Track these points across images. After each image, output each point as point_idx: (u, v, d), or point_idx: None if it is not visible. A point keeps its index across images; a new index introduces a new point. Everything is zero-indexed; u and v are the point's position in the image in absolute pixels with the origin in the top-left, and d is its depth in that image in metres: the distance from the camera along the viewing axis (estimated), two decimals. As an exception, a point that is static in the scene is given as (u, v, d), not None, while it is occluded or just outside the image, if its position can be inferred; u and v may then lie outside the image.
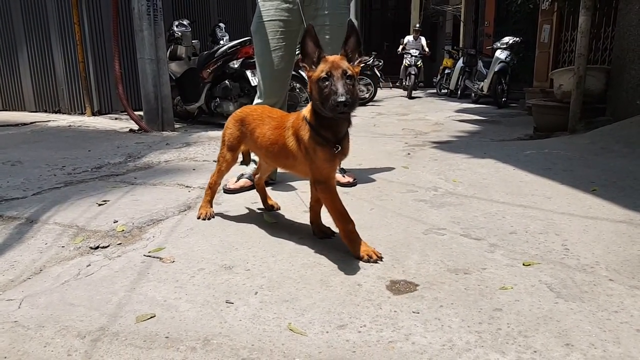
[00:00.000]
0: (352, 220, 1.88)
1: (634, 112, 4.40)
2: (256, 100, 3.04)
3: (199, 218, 2.34)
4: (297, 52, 3.06)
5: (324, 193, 1.87)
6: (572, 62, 5.69)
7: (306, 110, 1.87)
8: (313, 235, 2.10)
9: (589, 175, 2.98)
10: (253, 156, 2.54)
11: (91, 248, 2.00)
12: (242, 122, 2.21)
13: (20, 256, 1.92)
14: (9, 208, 2.55)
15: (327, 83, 1.65)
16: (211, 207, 2.41)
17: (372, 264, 1.78)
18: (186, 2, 8.57)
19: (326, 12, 2.78)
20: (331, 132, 1.80)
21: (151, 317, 1.42)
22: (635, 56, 4.57)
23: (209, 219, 2.34)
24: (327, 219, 2.14)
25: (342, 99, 1.59)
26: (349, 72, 1.67)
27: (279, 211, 2.49)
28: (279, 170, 2.73)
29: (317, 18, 2.78)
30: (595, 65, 5.83)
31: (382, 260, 1.81)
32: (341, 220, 1.87)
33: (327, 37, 2.76)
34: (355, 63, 1.76)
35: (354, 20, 2.98)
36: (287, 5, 2.78)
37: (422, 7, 17.74)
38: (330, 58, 1.72)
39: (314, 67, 1.74)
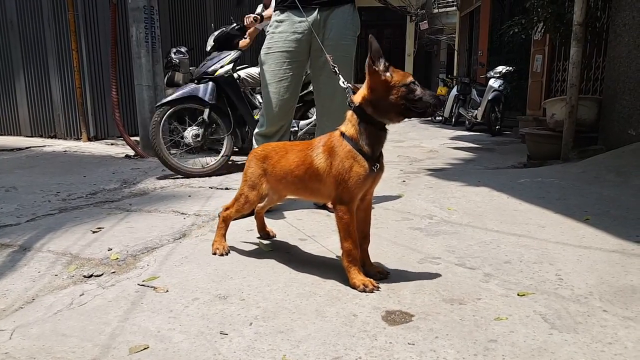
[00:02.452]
0: (358, 248, 1.88)
1: (626, 142, 4.45)
2: (257, 129, 3.07)
3: (214, 254, 2.23)
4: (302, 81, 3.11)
5: (344, 214, 1.84)
6: (565, 91, 5.78)
7: (344, 127, 1.86)
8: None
9: (582, 204, 3.00)
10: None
11: (85, 277, 1.99)
12: (264, 159, 2.15)
13: (12, 285, 1.91)
14: (2, 235, 2.54)
15: (416, 86, 1.76)
16: (225, 241, 2.30)
17: (367, 293, 1.78)
18: (184, 29, 8.68)
19: (331, 43, 2.83)
20: (371, 147, 1.81)
21: (144, 349, 1.41)
22: (625, 87, 4.65)
23: (226, 254, 2.23)
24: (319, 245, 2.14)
25: (432, 100, 1.76)
26: None
27: (274, 239, 2.49)
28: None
29: (324, 48, 2.82)
30: (587, 95, 5.92)
31: (378, 290, 1.81)
32: (350, 244, 1.86)
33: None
34: None
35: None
36: (296, 36, 2.83)
37: (417, 36, 18.03)
38: (398, 70, 1.81)
39: (388, 74, 1.76)
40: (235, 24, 5.09)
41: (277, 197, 2.33)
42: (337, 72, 2.21)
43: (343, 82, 2.10)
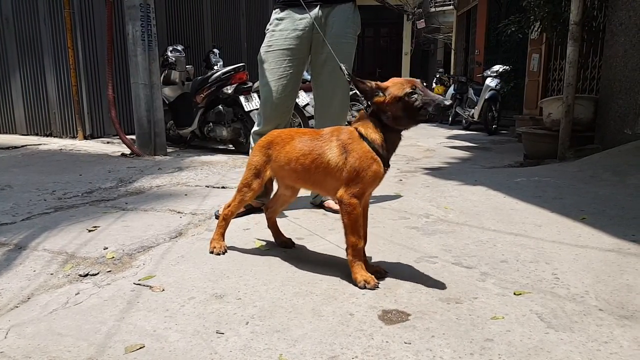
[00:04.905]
0: (363, 243, 1.91)
1: (622, 141, 4.46)
2: (255, 128, 3.06)
3: (211, 252, 2.23)
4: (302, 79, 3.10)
5: (354, 209, 1.85)
6: (561, 90, 5.78)
7: (362, 127, 1.88)
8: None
9: (579, 203, 3.01)
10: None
11: (80, 276, 1.98)
12: (269, 145, 2.14)
13: (7, 284, 1.90)
14: (-2, 234, 2.53)
15: (415, 96, 1.77)
16: (224, 240, 2.30)
17: (365, 292, 1.78)
18: (181, 27, 8.66)
19: (331, 41, 2.82)
20: (388, 151, 1.89)
21: (140, 348, 1.40)
22: (622, 86, 4.66)
23: (223, 253, 2.23)
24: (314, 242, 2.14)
25: (447, 102, 1.76)
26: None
27: (270, 239, 2.47)
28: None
29: (324, 46, 2.82)
30: (584, 95, 5.93)
31: (378, 287, 1.81)
32: (356, 239, 1.87)
33: (331, 65, 2.70)
34: None
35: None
36: (297, 33, 2.82)
37: (414, 35, 18.04)
38: (396, 80, 1.86)
39: (380, 93, 1.83)
40: None
41: (289, 194, 2.28)
42: (342, 67, 2.21)
43: (344, 69, 2.17)
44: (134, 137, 5.88)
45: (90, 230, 2.58)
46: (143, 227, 2.67)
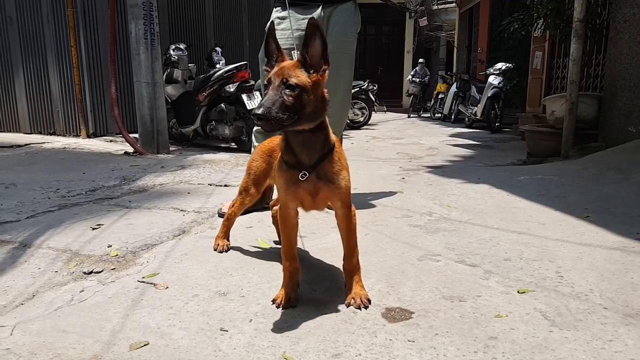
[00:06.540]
0: (291, 254, 1.72)
1: (626, 139, 4.45)
2: (256, 126, 3.06)
3: (215, 250, 2.24)
4: None
5: (279, 212, 1.70)
6: (565, 88, 5.77)
7: None
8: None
9: (582, 201, 3.00)
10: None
11: (85, 273, 1.98)
12: (271, 152, 2.06)
13: (13, 281, 1.91)
14: (2, 232, 2.53)
15: (265, 91, 1.41)
16: (228, 239, 2.31)
17: (368, 290, 1.78)
18: (183, 26, 8.66)
19: (333, 40, 2.82)
20: (292, 153, 1.55)
21: (145, 345, 1.41)
22: (626, 83, 4.64)
23: (227, 251, 2.24)
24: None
25: (258, 111, 1.34)
26: (292, 81, 1.39)
27: (274, 237, 2.48)
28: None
29: None
30: (587, 92, 5.90)
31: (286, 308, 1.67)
32: (282, 243, 1.75)
33: (333, 63, 2.70)
34: (320, 72, 1.49)
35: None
36: (299, 33, 2.81)
37: (416, 33, 18.00)
38: (282, 63, 1.49)
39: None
40: None
41: None
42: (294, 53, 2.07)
43: (294, 55, 1.86)
44: (136, 135, 5.89)
45: (94, 228, 2.59)
46: (146, 225, 2.67)
